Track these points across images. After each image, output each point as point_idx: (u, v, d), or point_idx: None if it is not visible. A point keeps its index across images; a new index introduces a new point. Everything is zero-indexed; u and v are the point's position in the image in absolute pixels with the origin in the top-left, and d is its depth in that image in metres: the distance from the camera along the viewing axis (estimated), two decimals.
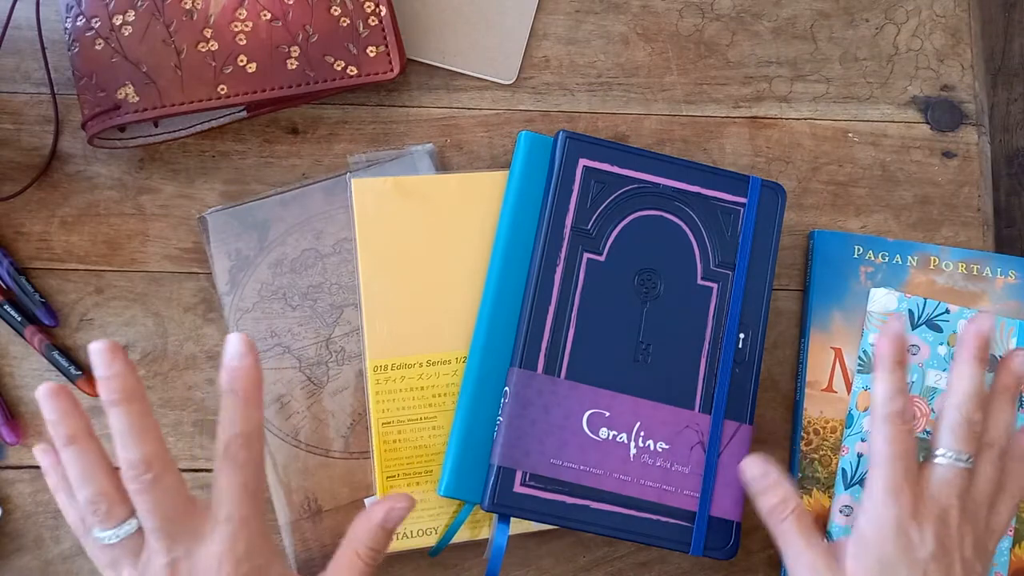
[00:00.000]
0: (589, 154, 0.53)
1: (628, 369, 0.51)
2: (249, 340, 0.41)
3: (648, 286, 0.52)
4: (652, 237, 0.53)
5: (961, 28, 0.63)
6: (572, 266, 0.52)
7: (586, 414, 0.50)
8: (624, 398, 0.51)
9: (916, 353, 0.56)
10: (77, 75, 0.56)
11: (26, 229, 0.58)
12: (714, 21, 0.63)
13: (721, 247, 0.53)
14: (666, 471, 0.50)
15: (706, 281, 0.53)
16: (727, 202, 0.54)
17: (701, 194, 0.53)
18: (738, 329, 0.52)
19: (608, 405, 0.51)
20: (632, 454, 0.50)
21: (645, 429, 0.51)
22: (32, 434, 0.56)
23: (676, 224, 0.53)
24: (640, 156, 0.54)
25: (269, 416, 0.54)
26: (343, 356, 0.55)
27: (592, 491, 0.50)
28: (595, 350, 0.51)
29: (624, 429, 0.50)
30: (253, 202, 0.57)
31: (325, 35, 0.57)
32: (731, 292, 0.53)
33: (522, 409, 0.50)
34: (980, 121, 0.62)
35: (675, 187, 0.53)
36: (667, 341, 0.52)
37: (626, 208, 0.53)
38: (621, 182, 0.53)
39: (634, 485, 0.50)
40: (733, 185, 0.54)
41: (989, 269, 0.58)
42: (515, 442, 0.50)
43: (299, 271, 0.56)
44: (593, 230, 0.52)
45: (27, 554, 0.54)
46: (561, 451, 0.50)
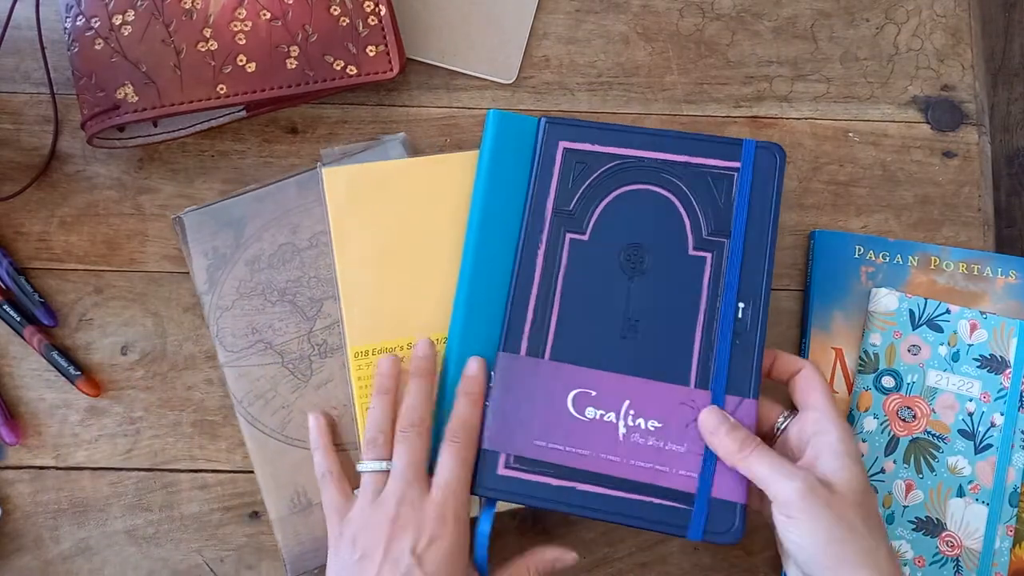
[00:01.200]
0: (569, 136, 0.53)
1: (616, 347, 0.50)
2: (481, 360, 0.50)
3: (634, 261, 0.51)
4: (637, 212, 0.51)
5: (961, 28, 0.63)
6: (554, 247, 0.51)
7: (571, 394, 0.49)
8: (611, 376, 0.49)
9: (917, 353, 0.56)
10: (76, 75, 0.56)
11: (25, 229, 0.58)
12: (714, 21, 0.63)
13: (714, 215, 0.51)
14: (659, 450, 0.48)
15: (699, 251, 0.51)
16: (719, 168, 0.51)
17: (689, 163, 0.52)
18: (737, 298, 0.50)
19: (595, 384, 0.49)
20: (621, 434, 0.48)
21: (635, 407, 0.49)
22: (31, 434, 0.55)
23: (663, 196, 0.51)
24: (621, 132, 0.53)
25: (255, 413, 0.54)
26: (325, 349, 0.55)
27: (579, 472, 0.48)
28: (580, 329, 0.50)
29: (612, 408, 0.49)
30: (228, 200, 0.57)
31: (325, 35, 0.57)
32: (727, 260, 0.50)
33: (506, 392, 0.49)
34: (980, 121, 0.62)
35: (660, 159, 0.52)
36: (657, 316, 0.50)
37: (609, 185, 0.52)
38: (603, 160, 0.52)
39: (624, 466, 0.48)
40: (725, 151, 0.52)
41: (989, 269, 0.58)
42: (500, 425, 0.49)
43: (277, 266, 0.56)
44: (575, 210, 0.52)
45: (27, 554, 0.54)
46: (546, 432, 0.49)
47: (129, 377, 0.56)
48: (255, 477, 0.54)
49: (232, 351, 0.55)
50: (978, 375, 0.55)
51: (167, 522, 0.55)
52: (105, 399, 0.56)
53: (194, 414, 0.56)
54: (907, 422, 0.56)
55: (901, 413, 0.56)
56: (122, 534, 0.55)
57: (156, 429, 0.56)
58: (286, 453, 0.54)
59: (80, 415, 0.56)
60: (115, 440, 0.56)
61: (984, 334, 0.56)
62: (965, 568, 0.54)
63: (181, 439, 0.56)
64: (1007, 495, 0.54)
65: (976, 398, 0.55)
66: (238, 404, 0.55)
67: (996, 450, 0.55)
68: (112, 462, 0.56)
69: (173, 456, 0.56)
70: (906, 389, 0.56)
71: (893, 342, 0.56)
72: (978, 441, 0.55)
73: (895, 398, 0.56)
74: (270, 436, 0.54)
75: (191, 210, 0.57)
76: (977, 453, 0.55)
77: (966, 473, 0.55)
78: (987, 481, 0.54)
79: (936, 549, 0.54)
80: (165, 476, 0.55)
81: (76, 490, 0.55)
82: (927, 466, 0.55)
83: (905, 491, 0.55)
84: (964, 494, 0.54)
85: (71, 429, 0.56)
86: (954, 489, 0.55)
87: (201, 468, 0.56)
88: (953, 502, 0.54)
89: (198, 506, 0.55)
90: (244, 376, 0.55)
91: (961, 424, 0.55)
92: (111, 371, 0.56)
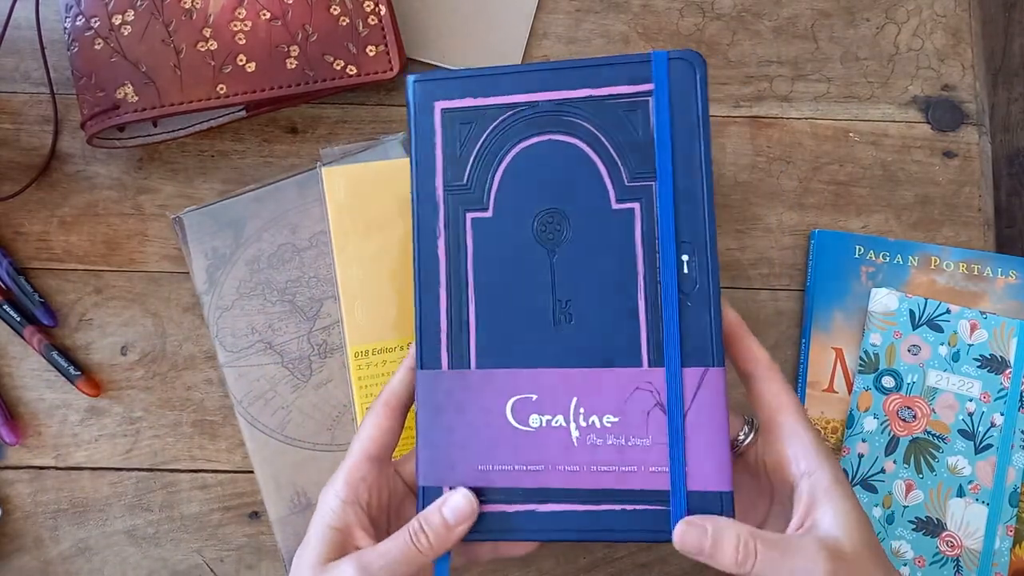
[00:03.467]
0: (444, 92, 0.43)
1: (550, 337, 0.42)
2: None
3: (551, 230, 0.42)
4: (544, 169, 0.43)
5: (962, 28, 0.63)
6: (455, 233, 0.43)
7: (509, 404, 0.41)
8: (551, 373, 0.41)
9: (917, 353, 0.56)
10: (76, 75, 0.56)
11: (25, 229, 0.58)
12: (715, 20, 0.63)
13: (634, 155, 0.42)
14: (621, 449, 0.40)
15: (623, 203, 0.42)
16: (628, 96, 0.42)
17: (592, 97, 0.42)
18: (677, 251, 0.41)
19: (533, 386, 0.41)
20: (575, 438, 0.41)
21: (585, 404, 0.41)
22: (31, 434, 0.55)
23: (570, 144, 0.42)
24: (505, 75, 0.43)
25: (255, 413, 0.54)
26: (325, 349, 0.55)
27: (535, 492, 0.41)
28: (505, 325, 0.42)
29: (558, 411, 0.41)
30: (227, 200, 0.57)
31: (324, 34, 0.57)
32: (658, 207, 0.42)
33: (434, 417, 0.42)
34: (981, 121, 0.62)
35: (557, 99, 0.43)
36: (590, 290, 0.42)
37: (504, 143, 0.43)
38: (490, 114, 0.43)
39: (585, 474, 0.41)
40: (631, 73, 0.42)
41: (990, 269, 0.58)
42: (434, 456, 0.41)
43: (276, 266, 0.56)
44: (471, 182, 0.43)
45: (27, 554, 0.54)
46: (489, 454, 0.41)
47: (129, 377, 0.56)
48: (255, 477, 0.54)
49: (232, 351, 0.55)
50: (978, 375, 0.55)
51: (167, 522, 0.55)
52: (105, 399, 0.56)
53: (194, 414, 0.56)
54: (907, 422, 0.56)
55: (901, 413, 0.56)
56: (122, 534, 0.55)
57: (156, 429, 0.56)
58: (286, 453, 0.54)
59: (80, 415, 0.56)
60: (115, 440, 0.56)
61: (984, 334, 0.56)
62: (965, 568, 0.54)
63: (181, 439, 0.56)
64: (1007, 495, 0.54)
65: (976, 398, 0.55)
66: (238, 404, 0.55)
67: (996, 450, 0.55)
68: (112, 462, 0.56)
69: (173, 456, 0.56)
70: (906, 389, 0.56)
71: (893, 342, 0.56)
72: (978, 441, 0.55)
73: (895, 398, 0.56)
74: (270, 436, 0.54)
75: (191, 210, 0.57)
76: (977, 453, 0.55)
77: (966, 473, 0.55)
78: (987, 481, 0.54)
79: (936, 549, 0.54)
80: (165, 476, 0.55)
81: (76, 490, 0.55)
82: (927, 466, 0.55)
83: (905, 491, 0.55)
84: (964, 494, 0.54)
85: (71, 429, 0.56)
86: (954, 489, 0.55)
87: (201, 468, 0.56)
88: (953, 502, 0.54)
89: (198, 506, 0.55)
90: (244, 376, 0.55)
91: (961, 424, 0.55)
92: (111, 371, 0.56)
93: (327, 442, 0.54)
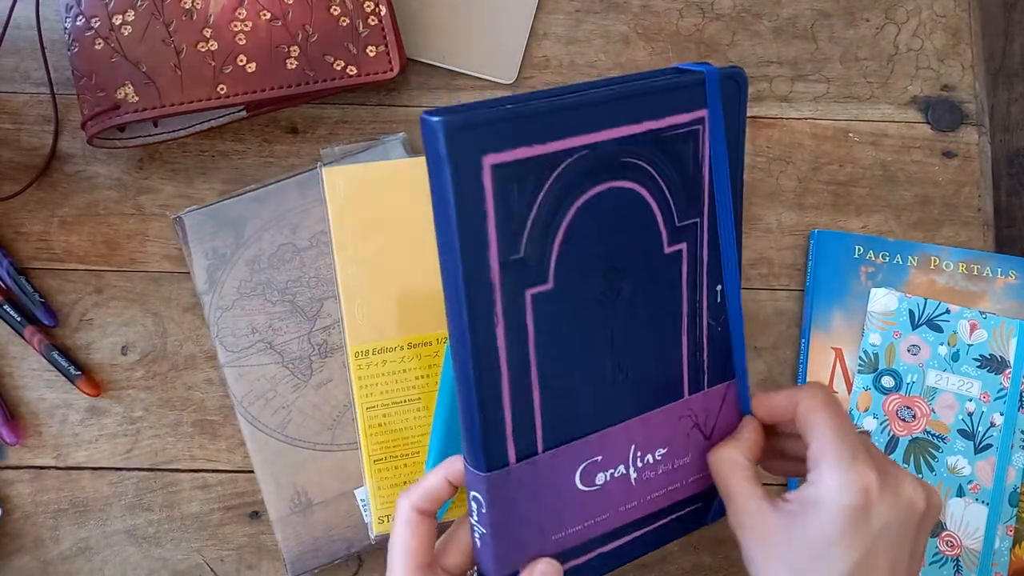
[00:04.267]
0: (494, 143, 0.32)
1: (610, 396, 0.39)
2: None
3: (612, 289, 0.37)
4: (604, 222, 0.36)
5: (961, 28, 0.63)
6: (515, 315, 0.35)
7: (577, 472, 0.39)
8: (613, 431, 0.39)
9: (916, 353, 0.56)
10: (77, 75, 0.56)
11: (26, 229, 0.58)
12: (714, 21, 0.63)
13: (685, 191, 0.37)
14: (669, 473, 0.41)
15: (674, 245, 0.38)
16: (683, 125, 0.36)
17: (653, 130, 0.36)
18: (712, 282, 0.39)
19: (598, 450, 0.39)
20: (633, 479, 0.40)
21: (641, 448, 0.40)
22: (31, 434, 0.56)
23: (627, 190, 0.36)
24: (561, 111, 0.33)
25: (255, 413, 0.54)
26: (326, 349, 0.55)
27: (602, 537, 0.40)
28: (570, 398, 0.38)
29: (620, 462, 0.40)
30: (228, 200, 0.57)
31: (325, 35, 0.57)
32: (704, 242, 0.38)
33: (507, 515, 0.37)
34: (980, 121, 0.62)
35: (617, 137, 0.35)
36: (644, 341, 0.39)
37: (564, 200, 0.34)
38: (547, 166, 0.33)
39: (641, 506, 0.41)
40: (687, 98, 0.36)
41: (989, 269, 0.58)
42: (507, 549, 0.38)
43: (277, 266, 0.56)
44: (529, 254, 0.34)
45: (27, 554, 0.54)
46: (560, 523, 0.39)
47: (129, 377, 0.56)
48: (255, 477, 0.54)
49: (232, 351, 0.55)
50: (978, 375, 0.55)
51: (167, 522, 0.55)
52: (105, 399, 0.56)
53: (194, 414, 0.56)
54: (907, 422, 0.56)
55: (901, 413, 0.56)
56: (122, 534, 0.55)
57: (156, 429, 0.56)
58: (286, 453, 0.54)
59: (80, 415, 0.56)
60: (115, 440, 0.56)
61: (984, 334, 0.56)
62: (965, 568, 0.54)
63: (181, 439, 0.56)
64: (1007, 495, 0.54)
65: (976, 398, 0.55)
66: (238, 404, 0.55)
67: (996, 450, 0.55)
68: (112, 462, 0.56)
69: (173, 456, 0.56)
70: (906, 389, 0.56)
71: (893, 342, 0.56)
72: (978, 441, 0.55)
73: (895, 398, 0.56)
74: (270, 436, 0.54)
75: (191, 210, 0.57)
76: (977, 453, 0.55)
77: (966, 473, 0.55)
78: (987, 481, 0.54)
79: (936, 549, 0.54)
80: (165, 476, 0.55)
81: (76, 490, 0.55)
82: (927, 466, 0.55)
83: None
84: (964, 494, 0.55)
85: (71, 429, 0.56)
86: (954, 489, 0.55)
87: (201, 468, 0.56)
88: (953, 502, 0.55)
89: (198, 506, 0.55)
90: (244, 376, 0.55)
91: (961, 424, 0.55)
92: (111, 371, 0.56)
93: (327, 442, 0.54)
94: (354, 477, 0.54)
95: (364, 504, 0.54)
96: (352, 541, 0.53)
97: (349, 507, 0.54)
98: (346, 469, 0.54)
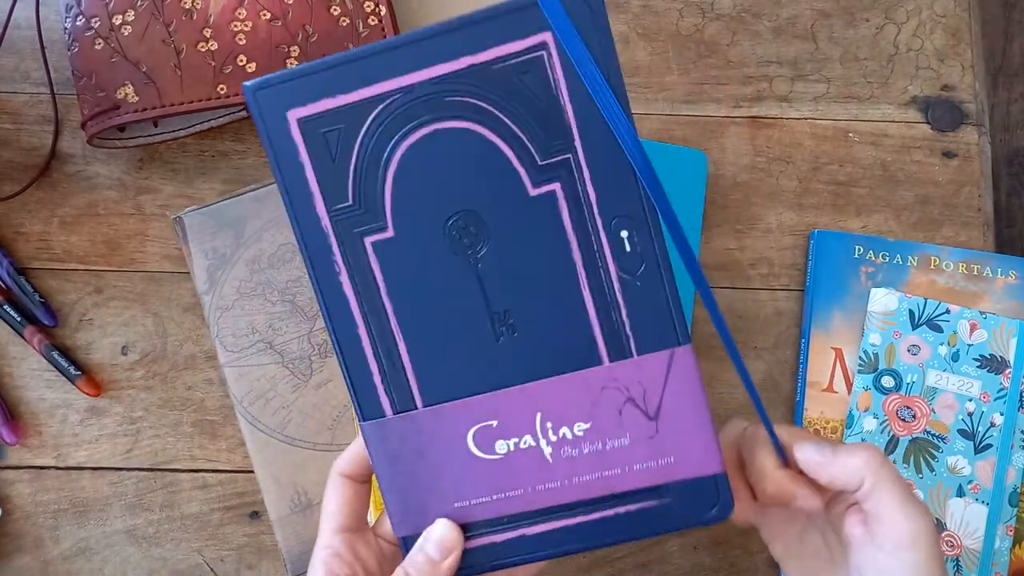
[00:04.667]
0: (293, 99, 0.35)
1: (494, 353, 0.37)
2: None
3: (467, 236, 0.36)
4: (440, 166, 0.36)
5: (961, 28, 0.63)
6: (357, 263, 0.36)
7: (469, 435, 0.38)
8: (505, 393, 0.37)
9: (916, 353, 0.56)
10: (77, 75, 0.56)
11: (26, 229, 0.58)
12: (714, 21, 0.63)
13: (540, 127, 0.35)
14: (600, 454, 0.37)
15: (541, 186, 0.36)
16: (518, 54, 0.34)
17: (475, 64, 0.34)
18: (614, 226, 0.36)
19: (490, 412, 0.37)
20: (548, 454, 0.38)
21: (550, 417, 0.37)
22: (31, 434, 0.56)
23: (462, 130, 0.35)
24: (363, 59, 0.35)
25: (255, 413, 0.54)
26: (325, 349, 0.55)
27: (520, 516, 0.38)
28: (443, 352, 0.37)
29: (524, 431, 0.38)
30: (228, 200, 0.57)
31: (325, 35, 0.57)
32: (586, 180, 0.36)
33: (392, 467, 0.38)
34: (980, 121, 0.62)
35: (434, 76, 0.35)
36: (528, 294, 0.37)
37: (383, 145, 0.35)
38: (359, 113, 0.35)
39: (568, 488, 0.38)
40: (516, 25, 0.34)
41: (989, 269, 0.58)
42: (404, 504, 0.38)
43: (277, 266, 0.56)
44: (358, 201, 0.36)
45: (27, 554, 0.54)
46: (461, 490, 0.38)
47: (129, 377, 0.56)
48: (255, 477, 0.54)
49: (232, 351, 0.55)
50: (978, 375, 0.55)
51: (167, 522, 0.55)
52: (105, 399, 0.56)
53: (194, 414, 0.56)
54: (907, 422, 0.56)
55: (901, 413, 0.56)
56: (122, 534, 0.55)
57: (156, 429, 0.56)
58: (286, 453, 0.54)
59: (80, 415, 0.56)
60: (115, 440, 0.56)
61: (984, 334, 0.56)
62: (965, 568, 0.54)
63: (181, 439, 0.56)
64: (1007, 495, 0.54)
65: (976, 398, 0.55)
66: (238, 404, 0.55)
67: (996, 450, 0.55)
68: (112, 462, 0.56)
69: (173, 456, 0.56)
70: (906, 389, 0.56)
71: (893, 342, 0.56)
72: (978, 441, 0.55)
73: (895, 398, 0.56)
74: (270, 436, 0.54)
75: (191, 210, 0.57)
76: (977, 453, 0.55)
77: (966, 473, 0.55)
78: (987, 481, 0.54)
79: None
80: (165, 476, 0.55)
81: (76, 490, 0.55)
82: (927, 466, 0.55)
83: None
84: (964, 494, 0.55)
85: (71, 429, 0.56)
86: (954, 489, 0.55)
87: (201, 468, 0.56)
88: (953, 502, 0.55)
89: (198, 506, 0.55)
90: (244, 376, 0.55)
91: (961, 424, 0.55)
92: (111, 371, 0.56)
93: (327, 442, 0.54)
94: None
95: None
96: None
97: None
98: None
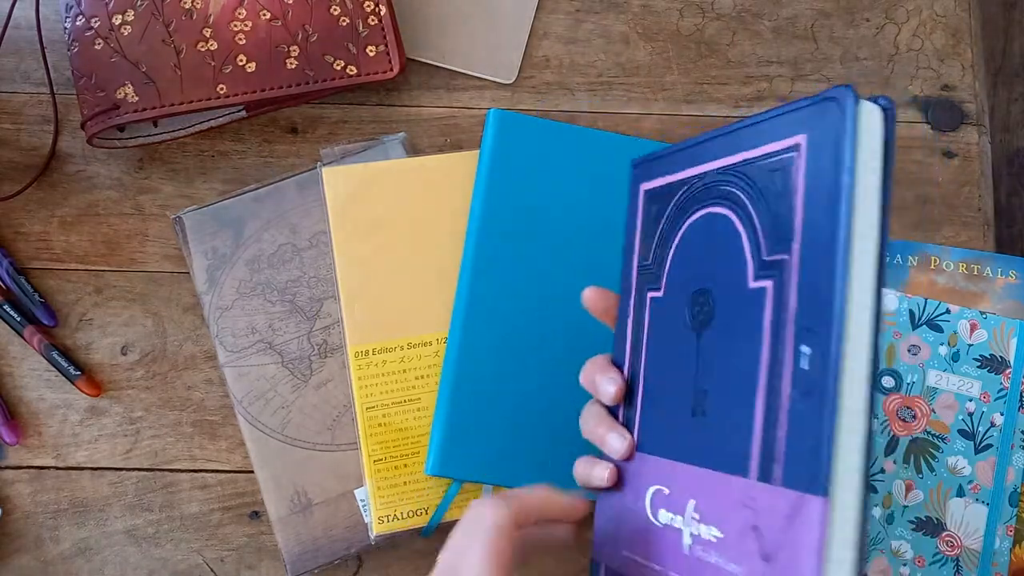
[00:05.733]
0: (650, 174, 0.42)
1: (687, 428, 0.37)
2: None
3: (702, 312, 0.37)
4: (701, 244, 0.38)
5: (961, 28, 0.63)
6: (640, 312, 0.41)
7: (649, 493, 0.39)
8: (683, 468, 0.37)
9: (917, 353, 0.56)
10: (76, 75, 0.56)
11: (26, 229, 0.58)
12: (715, 20, 0.63)
13: (774, 224, 0.34)
14: (718, 571, 0.34)
15: (759, 281, 0.34)
16: (774, 154, 0.34)
17: (746, 160, 0.36)
18: (799, 339, 0.32)
19: (668, 479, 0.38)
20: (686, 545, 0.36)
21: (700, 508, 0.36)
22: (31, 434, 0.55)
23: (721, 215, 0.37)
24: (690, 148, 0.39)
25: (255, 413, 0.54)
26: (325, 349, 0.55)
27: None
28: (659, 409, 0.39)
29: (680, 510, 0.37)
30: (228, 200, 0.57)
31: (325, 34, 0.57)
32: (792, 285, 0.33)
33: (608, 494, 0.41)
34: (980, 121, 0.62)
35: (720, 167, 0.37)
36: (724, 382, 0.36)
37: (677, 221, 0.40)
38: (672, 192, 0.40)
39: None
40: (785, 123, 0.34)
41: (990, 269, 0.58)
42: (607, 529, 0.41)
43: (276, 266, 0.56)
44: (652, 261, 0.41)
45: (27, 554, 0.54)
46: (631, 541, 0.39)
47: (129, 377, 0.56)
48: (255, 477, 0.54)
49: (232, 351, 0.55)
50: (978, 375, 0.55)
51: (167, 522, 0.55)
52: (105, 399, 0.56)
53: (194, 414, 0.56)
54: (907, 422, 0.56)
55: (901, 413, 0.56)
56: (122, 534, 0.55)
57: (156, 429, 0.56)
58: (286, 453, 0.54)
59: (80, 415, 0.56)
60: (115, 440, 0.56)
61: (984, 334, 0.56)
62: (965, 568, 0.54)
63: (181, 439, 0.56)
64: (1007, 495, 0.54)
65: (976, 398, 0.55)
66: (238, 404, 0.55)
67: (996, 450, 0.55)
68: (112, 462, 0.56)
69: (173, 456, 0.56)
70: (906, 389, 0.56)
71: (893, 342, 0.56)
72: (978, 441, 0.55)
73: (895, 398, 0.56)
74: (270, 436, 0.54)
75: (191, 210, 0.57)
76: (977, 453, 0.55)
77: (966, 473, 0.55)
78: (987, 481, 0.54)
79: (936, 549, 0.54)
80: (165, 476, 0.55)
81: (76, 490, 0.55)
82: (927, 466, 0.55)
83: (905, 491, 0.55)
84: (964, 494, 0.55)
85: (71, 429, 0.56)
86: (954, 489, 0.55)
87: (201, 468, 0.56)
88: (953, 502, 0.55)
89: (198, 506, 0.55)
90: (244, 376, 0.55)
91: (961, 424, 0.55)
92: (111, 371, 0.56)
93: (327, 442, 0.54)
94: (354, 477, 0.54)
95: (364, 504, 0.54)
96: (352, 541, 0.53)
97: (349, 507, 0.54)
98: (346, 469, 0.54)
